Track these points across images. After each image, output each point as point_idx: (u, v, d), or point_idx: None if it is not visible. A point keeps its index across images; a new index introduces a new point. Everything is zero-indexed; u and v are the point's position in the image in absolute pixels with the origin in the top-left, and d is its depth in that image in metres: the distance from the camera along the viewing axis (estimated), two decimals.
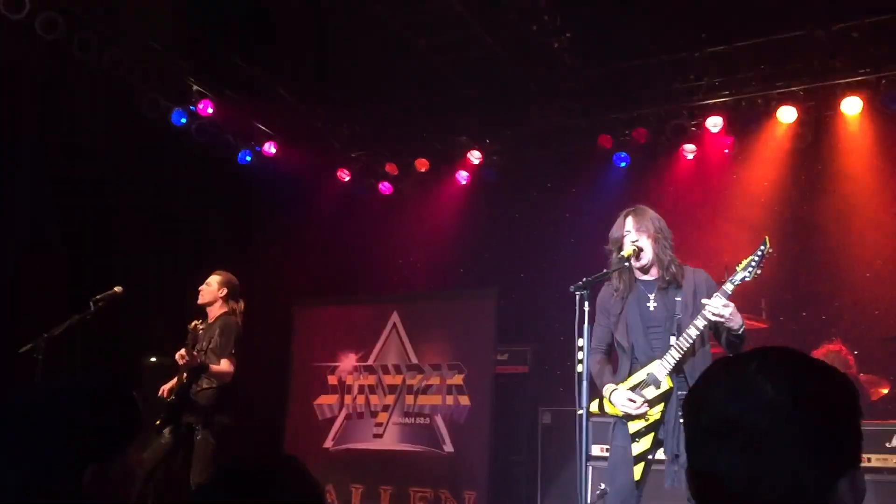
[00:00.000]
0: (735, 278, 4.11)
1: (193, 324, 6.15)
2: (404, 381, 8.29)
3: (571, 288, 4.17)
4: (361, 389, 8.48)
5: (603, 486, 6.08)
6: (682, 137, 8.33)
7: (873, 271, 7.66)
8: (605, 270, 4.46)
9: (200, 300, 6.15)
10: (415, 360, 8.30)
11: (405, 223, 9.83)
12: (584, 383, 4.14)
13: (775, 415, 1.26)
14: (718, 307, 3.99)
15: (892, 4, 7.11)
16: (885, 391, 6.98)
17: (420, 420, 8.11)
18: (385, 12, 7.54)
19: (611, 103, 8.56)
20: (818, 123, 7.94)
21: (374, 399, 8.39)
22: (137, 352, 7.76)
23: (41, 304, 7.06)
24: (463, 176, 9.52)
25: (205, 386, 5.88)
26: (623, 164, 8.78)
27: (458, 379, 8.03)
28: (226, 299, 6.11)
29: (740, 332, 4.11)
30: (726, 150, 8.30)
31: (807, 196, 8.12)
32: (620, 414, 4.19)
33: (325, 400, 8.61)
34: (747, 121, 8.02)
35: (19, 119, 7.50)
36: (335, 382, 8.62)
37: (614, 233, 4.52)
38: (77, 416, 1.80)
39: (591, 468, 6.19)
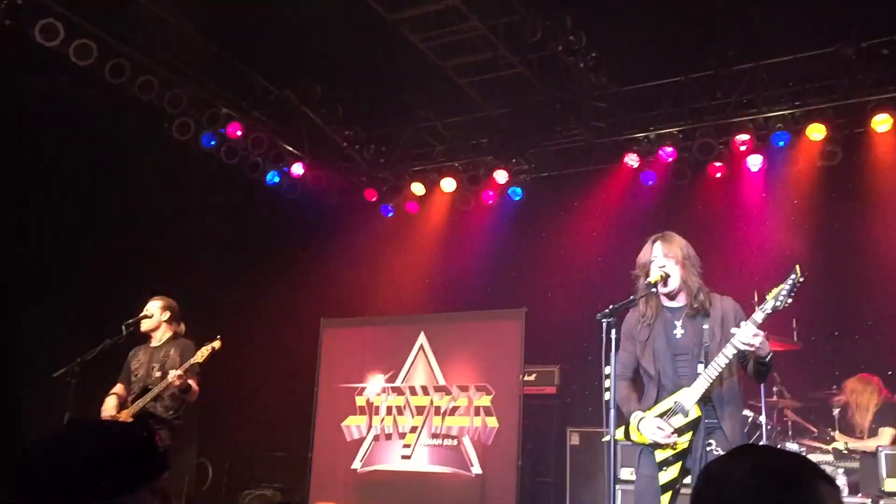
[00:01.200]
0: (766, 307, 4.01)
1: (133, 351, 6.13)
2: (432, 402, 8.28)
3: (598, 316, 4.12)
4: (389, 411, 8.48)
5: None
6: (710, 156, 8.27)
7: None
8: (631, 297, 4.42)
9: (144, 327, 6.07)
10: (442, 382, 8.29)
11: (432, 243, 9.85)
12: (612, 411, 4.08)
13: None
14: (749, 336, 3.91)
15: None
16: None
17: (448, 441, 8.10)
18: (412, 34, 7.60)
19: (637, 122, 8.54)
20: (848, 141, 7.86)
21: (402, 420, 8.39)
22: None
23: (73, 327, 7.16)
24: (489, 195, 9.53)
25: (170, 412, 5.82)
26: (650, 183, 8.74)
27: (485, 400, 8.01)
28: (169, 322, 6.11)
29: (768, 361, 4.04)
30: (755, 169, 8.23)
31: (837, 215, 8.02)
32: (647, 442, 4.12)
33: (354, 421, 8.62)
34: (776, 139, 7.95)
35: (54, 145, 7.64)
36: (363, 403, 8.63)
37: (641, 258, 4.46)
38: (97, 459, 1.83)
39: (619, 491, 6.13)
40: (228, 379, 6.23)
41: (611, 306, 4.18)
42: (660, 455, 4.10)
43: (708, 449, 3.95)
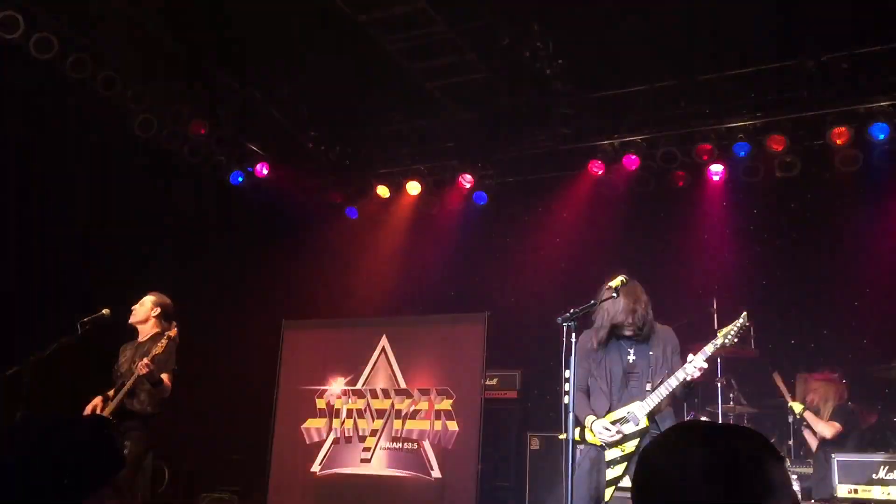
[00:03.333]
0: (717, 342, 4.72)
1: (123, 346, 6.09)
2: (393, 405, 8.26)
3: (559, 319, 4.24)
4: (350, 413, 8.44)
5: None
6: (673, 164, 8.37)
7: (862, 301, 7.70)
8: (592, 301, 4.50)
9: (132, 319, 6.06)
10: (403, 385, 8.27)
11: (396, 246, 9.84)
12: (571, 414, 4.19)
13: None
14: (698, 368, 4.60)
15: (881, 37, 7.19)
16: (874, 421, 7.00)
17: (408, 445, 8.08)
18: (379, 36, 7.59)
19: (602, 129, 8.61)
20: (807, 153, 7.99)
21: (362, 423, 8.35)
22: None
23: (28, 325, 7.03)
24: (455, 199, 9.54)
25: (147, 407, 5.75)
26: (613, 190, 8.81)
27: (446, 404, 8.01)
28: (158, 319, 6.06)
29: (693, 387, 4.81)
30: (716, 178, 8.35)
31: (796, 224, 8.17)
32: (599, 443, 4.73)
33: (313, 424, 8.56)
34: (736, 149, 8.07)
35: (13, 141, 7.50)
36: (324, 406, 8.58)
37: (602, 295, 4.78)
38: (57, 458, 1.81)
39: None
40: (187, 379, 6.15)
41: (571, 310, 4.25)
42: (609, 455, 4.72)
43: None
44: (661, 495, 1.44)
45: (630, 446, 4.66)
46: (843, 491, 5.62)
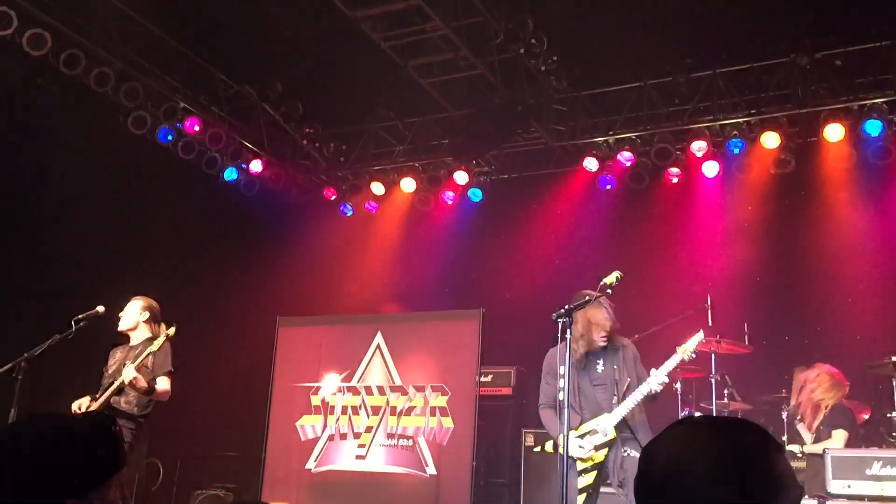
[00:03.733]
0: (676, 358, 4.92)
1: (114, 349, 6.05)
2: (388, 402, 8.25)
3: (553, 316, 4.25)
4: (344, 410, 8.43)
5: None
6: (667, 161, 8.38)
7: (855, 297, 7.72)
8: (587, 298, 4.50)
9: (122, 326, 5.97)
10: (399, 382, 8.27)
11: (390, 243, 9.83)
12: (567, 410, 4.19)
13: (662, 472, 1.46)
14: (660, 381, 4.86)
15: (874, 34, 7.21)
16: (867, 417, 7.01)
17: (403, 442, 8.07)
18: (374, 33, 7.58)
19: (596, 126, 8.62)
20: (801, 149, 8.02)
21: (357, 420, 8.35)
22: None
23: (18, 322, 7.01)
24: (449, 196, 9.54)
25: (134, 408, 5.73)
26: (608, 187, 8.83)
27: (441, 401, 8.00)
28: (148, 322, 6.01)
29: (655, 397, 5.00)
30: (711, 175, 8.36)
31: (789, 221, 8.19)
32: (581, 458, 4.96)
33: (308, 421, 8.55)
34: (731, 145, 8.08)
35: (5, 136, 7.47)
36: (318, 403, 8.57)
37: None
38: (61, 454, 1.81)
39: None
40: (181, 377, 6.14)
41: (566, 306, 4.25)
42: (580, 465, 4.94)
43: (624, 454, 4.90)
44: (672, 491, 1.42)
45: (599, 456, 4.91)
46: (836, 487, 5.62)
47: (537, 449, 5.27)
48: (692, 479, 1.40)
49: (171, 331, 5.77)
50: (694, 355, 5.01)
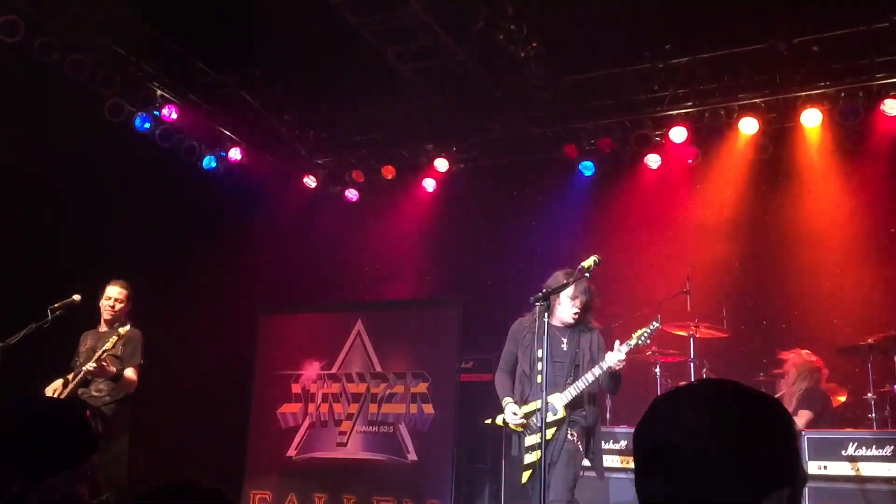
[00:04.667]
0: (631, 342, 4.96)
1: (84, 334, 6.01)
2: (368, 389, 8.26)
3: (531, 299, 4.30)
4: (325, 398, 8.44)
5: None
6: (647, 147, 8.41)
7: (832, 281, 7.80)
8: (564, 282, 4.53)
9: (111, 314, 5.90)
10: (379, 369, 8.28)
11: (371, 230, 9.82)
12: (544, 393, 4.23)
13: (695, 441, 1.32)
14: (616, 361, 4.87)
15: (851, 19, 7.25)
16: (843, 399, 7.10)
17: (384, 429, 8.09)
18: (354, 19, 7.53)
19: (576, 113, 8.63)
20: (779, 135, 8.07)
21: (337, 407, 8.36)
22: None
23: None
24: (429, 184, 9.52)
25: (104, 396, 5.69)
26: (588, 173, 8.85)
27: (422, 387, 8.02)
28: (130, 310, 5.98)
29: (618, 378, 5.07)
30: (689, 161, 8.40)
31: (767, 206, 8.25)
32: (514, 427, 5.08)
33: (289, 408, 8.55)
34: (710, 132, 8.12)
35: None
36: (299, 391, 8.57)
37: (554, 283, 4.96)
38: (30, 438, 1.80)
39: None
40: (162, 366, 6.12)
41: (544, 290, 4.28)
42: (528, 441, 5.00)
43: (569, 438, 4.96)
44: (677, 453, 1.33)
45: (548, 434, 4.84)
46: (813, 468, 5.70)
47: (488, 421, 5.26)
48: (704, 442, 1.33)
49: (122, 330, 5.67)
50: (648, 341, 5.11)
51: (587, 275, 4.59)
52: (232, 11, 7.49)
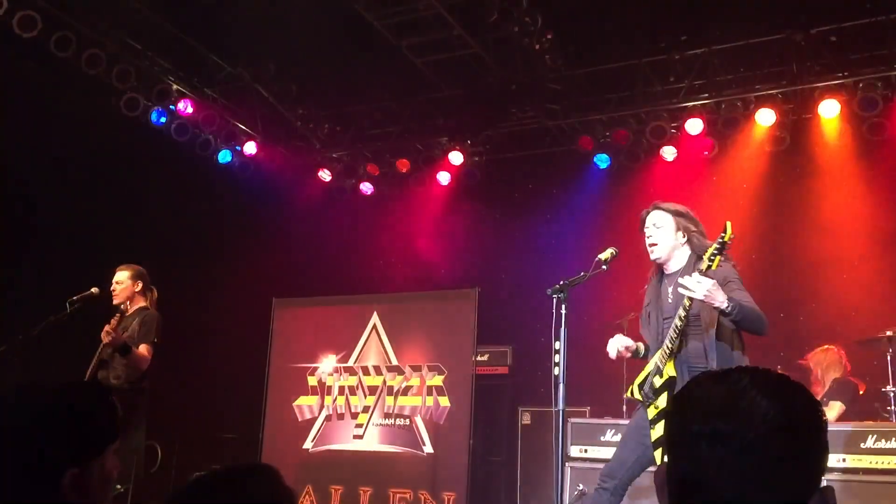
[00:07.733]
0: (700, 265, 4.02)
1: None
2: (384, 382, 8.28)
3: (548, 291, 4.23)
4: (342, 391, 8.46)
5: (581, 486, 6.10)
6: (663, 139, 8.36)
7: (849, 273, 7.73)
8: (582, 273, 4.50)
9: (117, 300, 5.92)
10: (395, 362, 8.29)
11: (386, 223, 9.83)
12: (562, 385, 4.18)
13: (769, 427, 1.33)
14: (687, 283, 3.93)
15: (868, 10, 7.18)
16: (862, 392, 7.05)
17: (400, 421, 8.11)
18: (367, 12, 7.53)
19: (592, 105, 8.59)
20: (796, 126, 8.01)
21: (354, 400, 8.38)
22: None
23: (14, 303, 7.00)
24: (444, 176, 9.51)
25: (123, 384, 5.70)
26: (603, 166, 8.82)
27: (438, 380, 8.03)
28: (143, 292, 5.97)
29: (728, 311, 3.92)
30: (706, 153, 8.35)
31: (784, 198, 8.18)
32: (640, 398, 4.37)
33: (305, 401, 8.58)
34: (726, 123, 8.07)
35: None
36: (315, 383, 8.59)
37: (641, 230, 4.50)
38: (59, 422, 1.80)
39: (568, 469, 6.21)
40: (178, 359, 6.15)
41: (561, 282, 4.24)
42: (650, 412, 4.27)
43: None
44: (708, 426, 1.34)
45: (662, 401, 4.16)
46: (831, 460, 5.66)
47: (627, 395, 4.46)
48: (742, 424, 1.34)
49: (154, 293, 5.73)
50: (722, 258, 4.01)
51: (604, 267, 4.53)
52: (246, 6, 7.50)
